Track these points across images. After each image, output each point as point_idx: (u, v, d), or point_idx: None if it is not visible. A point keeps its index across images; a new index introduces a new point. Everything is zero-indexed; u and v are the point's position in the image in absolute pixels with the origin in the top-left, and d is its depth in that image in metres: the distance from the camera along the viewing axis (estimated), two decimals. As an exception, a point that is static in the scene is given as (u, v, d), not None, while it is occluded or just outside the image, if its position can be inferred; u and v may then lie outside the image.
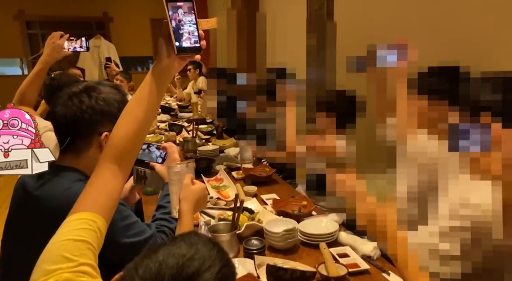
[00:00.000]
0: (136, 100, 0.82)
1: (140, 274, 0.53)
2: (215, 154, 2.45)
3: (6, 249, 1.19)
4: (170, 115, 4.12)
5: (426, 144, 1.15)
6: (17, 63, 7.04)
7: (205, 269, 0.55)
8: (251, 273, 1.15)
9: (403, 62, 1.26)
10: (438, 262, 1.01)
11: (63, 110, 1.08)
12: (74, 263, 0.65)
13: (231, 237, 1.28)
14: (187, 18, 0.80)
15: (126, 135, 0.80)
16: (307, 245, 1.36)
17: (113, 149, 0.80)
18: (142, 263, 0.55)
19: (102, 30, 7.32)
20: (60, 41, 1.68)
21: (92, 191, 0.78)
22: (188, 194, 1.07)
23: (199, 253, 0.57)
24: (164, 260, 0.54)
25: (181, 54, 0.79)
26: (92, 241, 0.70)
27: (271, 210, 1.63)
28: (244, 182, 2.00)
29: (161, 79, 0.82)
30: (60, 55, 1.70)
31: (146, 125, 0.83)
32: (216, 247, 0.61)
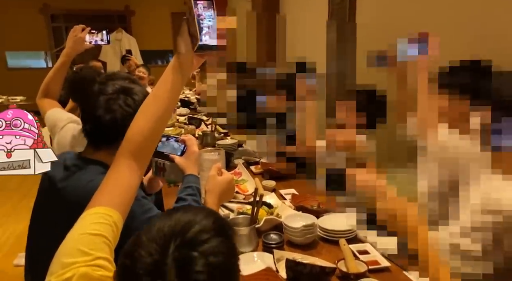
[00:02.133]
0: (154, 97, 0.83)
1: (143, 239, 0.57)
2: (234, 148, 2.46)
3: (32, 239, 1.22)
4: (189, 109, 4.15)
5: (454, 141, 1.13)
6: (42, 56, 7.21)
7: (199, 219, 0.59)
8: (270, 267, 1.15)
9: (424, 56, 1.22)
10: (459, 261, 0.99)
11: (109, 115, 1.10)
12: (90, 257, 0.67)
13: (250, 231, 1.29)
14: (207, 15, 0.80)
15: (143, 131, 0.81)
16: (326, 241, 1.36)
17: (130, 145, 0.81)
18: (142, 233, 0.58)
19: (123, 23, 7.41)
20: (82, 34, 1.71)
21: (109, 186, 0.79)
22: (214, 186, 1.08)
23: (191, 212, 0.61)
24: (161, 222, 0.58)
25: (200, 51, 0.80)
26: (108, 235, 0.71)
27: (289, 205, 1.63)
28: (262, 177, 2.00)
29: (179, 76, 0.82)
30: (82, 48, 1.73)
31: (163, 121, 0.84)
32: (207, 209, 0.66)
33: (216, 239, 0.57)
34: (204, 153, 1.17)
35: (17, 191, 3.88)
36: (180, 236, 0.55)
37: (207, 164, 1.15)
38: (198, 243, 0.55)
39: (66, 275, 0.64)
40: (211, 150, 1.20)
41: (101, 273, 0.66)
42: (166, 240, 0.55)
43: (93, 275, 0.65)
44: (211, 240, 0.56)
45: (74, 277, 0.64)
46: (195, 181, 1.28)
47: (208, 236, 0.56)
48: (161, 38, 7.30)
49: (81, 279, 0.64)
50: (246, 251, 1.25)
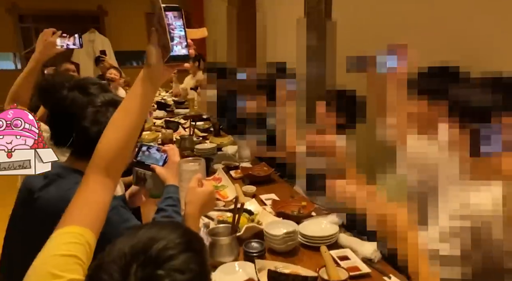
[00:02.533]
0: (123, 110, 0.80)
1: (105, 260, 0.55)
2: (213, 153, 2.44)
3: (8, 248, 1.19)
4: (166, 111, 4.09)
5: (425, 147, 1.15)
6: (10, 57, 6.95)
7: (165, 234, 0.56)
8: (252, 278, 1.14)
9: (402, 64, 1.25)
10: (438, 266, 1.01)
11: (96, 127, 1.09)
12: (62, 280, 0.64)
13: (231, 241, 1.27)
14: (177, 25, 0.78)
15: (113, 146, 0.79)
16: (307, 247, 1.36)
17: (100, 161, 0.78)
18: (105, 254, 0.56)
19: (96, 24, 7.23)
20: (53, 38, 1.64)
21: (80, 204, 0.76)
22: (193, 197, 1.07)
23: (156, 226, 0.59)
24: (122, 242, 0.56)
25: (171, 62, 0.78)
26: (81, 255, 0.68)
27: (270, 211, 1.62)
28: (242, 182, 1.99)
29: (149, 88, 0.80)
30: (52, 52, 1.66)
31: (134, 135, 0.81)
32: (176, 223, 0.66)
33: (184, 255, 0.55)
34: (184, 163, 1.15)
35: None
36: (143, 254, 0.53)
37: (186, 175, 1.13)
38: (163, 260, 0.53)
39: None
40: (191, 160, 1.18)
41: None
42: (127, 260, 0.53)
43: None
44: (178, 256, 0.54)
45: None
46: (176, 191, 1.26)
47: (174, 252, 0.54)
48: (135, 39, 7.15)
49: None
50: (227, 261, 1.24)
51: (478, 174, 1.05)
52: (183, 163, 1.16)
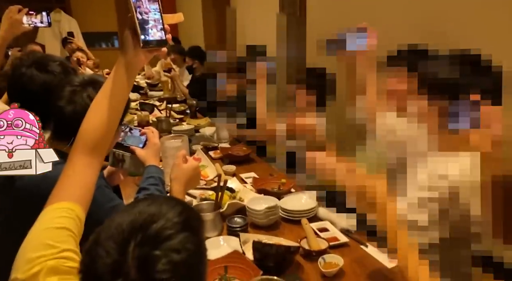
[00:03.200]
0: (104, 94, 0.82)
1: (102, 236, 0.55)
2: (191, 134, 2.44)
3: None
4: (139, 94, 4.01)
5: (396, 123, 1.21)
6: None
7: (164, 212, 0.56)
8: (237, 250, 1.18)
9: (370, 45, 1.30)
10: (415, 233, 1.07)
11: (71, 107, 1.08)
12: (57, 250, 0.66)
13: (215, 216, 1.31)
14: (152, 12, 0.79)
15: (96, 128, 0.81)
16: (288, 221, 1.41)
17: (84, 142, 0.80)
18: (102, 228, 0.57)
19: (61, 3, 6.89)
20: (19, 16, 1.57)
21: (67, 183, 0.78)
22: (179, 174, 1.08)
23: (155, 203, 0.58)
24: (121, 217, 0.56)
25: (146, 47, 0.78)
26: (73, 228, 0.71)
27: (251, 188, 1.66)
28: (222, 162, 2.02)
29: (128, 72, 0.81)
30: (19, 30, 1.60)
31: (115, 117, 0.83)
32: (174, 199, 0.63)
33: (181, 234, 0.55)
34: (166, 140, 1.17)
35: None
36: (141, 232, 0.53)
37: (170, 151, 1.15)
38: (161, 240, 0.53)
39: (33, 270, 0.62)
40: (173, 137, 1.20)
41: (70, 265, 0.65)
42: (125, 238, 0.53)
43: (61, 268, 0.64)
44: (175, 236, 0.54)
45: (42, 271, 0.62)
46: (157, 171, 1.27)
47: (171, 232, 0.54)
48: (104, 20, 6.89)
49: (49, 272, 0.63)
50: (212, 236, 1.27)
51: (446, 147, 1.11)
52: (165, 140, 1.18)
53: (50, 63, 1.26)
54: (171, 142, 1.16)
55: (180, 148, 1.13)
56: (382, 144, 1.22)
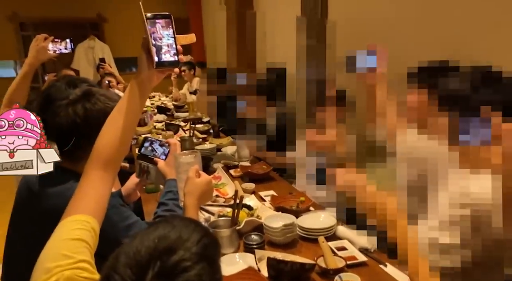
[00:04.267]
0: (118, 111, 0.86)
1: (121, 261, 0.55)
2: (213, 153, 2.48)
3: (9, 249, 1.21)
4: (166, 115, 4.13)
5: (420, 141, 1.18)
6: (11, 64, 7.00)
7: (183, 241, 0.56)
8: (252, 266, 1.17)
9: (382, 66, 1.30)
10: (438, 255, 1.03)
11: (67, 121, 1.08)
12: (73, 260, 0.68)
13: (232, 233, 1.31)
14: (166, 34, 0.84)
15: (110, 144, 0.84)
16: (305, 239, 1.39)
17: (98, 157, 0.84)
18: (121, 251, 0.57)
19: (96, 31, 7.29)
20: (45, 43, 1.69)
21: (83, 196, 0.81)
22: (192, 188, 1.10)
23: (175, 229, 0.58)
24: (141, 242, 0.56)
25: (159, 67, 0.83)
26: (88, 240, 0.73)
27: (269, 206, 1.66)
28: (242, 180, 2.03)
29: (141, 91, 0.86)
30: (45, 57, 1.71)
31: (129, 133, 0.87)
32: (193, 222, 0.63)
33: (198, 265, 0.55)
34: (180, 156, 1.21)
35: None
36: (159, 262, 0.53)
37: (183, 167, 1.18)
38: (178, 272, 0.53)
39: (51, 280, 0.65)
40: (187, 153, 1.24)
41: (85, 275, 0.67)
42: (143, 267, 0.53)
43: (77, 278, 0.66)
44: (192, 267, 0.54)
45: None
46: (175, 185, 1.30)
47: (189, 264, 0.54)
48: (134, 45, 7.11)
49: None
50: (228, 253, 1.27)
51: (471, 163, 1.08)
52: (179, 156, 1.21)
53: (79, 83, 1.32)
54: (184, 158, 1.20)
55: (193, 163, 1.15)
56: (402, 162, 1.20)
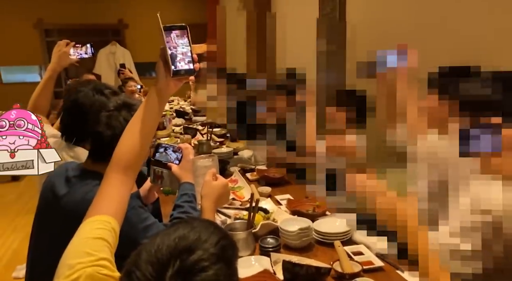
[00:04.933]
0: (138, 118, 0.90)
1: (142, 257, 0.57)
2: (229, 156, 2.49)
3: (33, 249, 1.25)
4: (184, 119, 4.18)
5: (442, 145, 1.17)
6: (36, 70, 7.23)
7: (202, 241, 0.58)
8: (268, 269, 1.18)
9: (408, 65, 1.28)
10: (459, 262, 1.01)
11: (109, 131, 1.14)
12: (95, 257, 0.71)
13: (248, 235, 1.32)
14: (182, 44, 0.87)
15: (130, 149, 0.88)
16: (321, 243, 1.39)
17: (119, 162, 0.87)
18: (143, 248, 0.59)
19: (117, 36, 7.46)
20: (66, 49, 1.75)
21: (104, 198, 0.84)
22: (209, 191, 1.12)
23: (195, 230, 0.60)
24: (162, 241, 0.58)
25: (176, 76, 0.87)
26: (109, 239, 0.76)
27: (285, 210, 1.66)
28: (258, 183, 2.04)
29: (160, 98, 0.90)
30: (67, 62, 1.76)
31: (148, 139, 0.91)
32: (212, 225, 0.65)
33: (216, 266, 0.56)
34: (197, 160, 1.23)
35: (14, 205, 3.88)
36: (179, 260, 0.55)
37: (200, 170, 1.20)
38: (196, 271, 0.55)
39: (73, 276, 0.67)
40: (205, 157, 1.26)
41: (105, 273, 0.69)
42: (163, 264, 0.55)
43: (97, 275, 0.69)
44: (210, 268, 0.56)
45: (81, 277, 0.67)
46: (191, 188, 1.31)
47: (207, 264, 0.56)
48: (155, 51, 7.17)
49: (88, 279, 0.67)
50: (243, 255, 1.28)
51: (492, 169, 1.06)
52: (197, 159, 1.23)
53: (104, 89, 1.38)
54: (202, 161, 1.22)
55: (210, 167, 1.17)
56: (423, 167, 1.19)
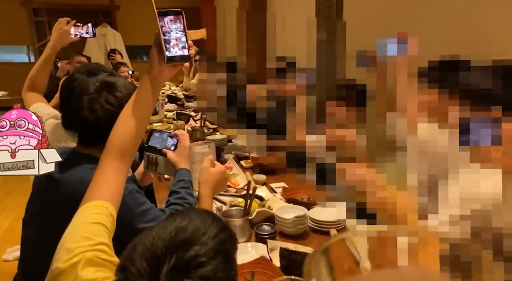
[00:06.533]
0: (132, 104, 0.89)
1: (137, 251, 0.56)
2: (223, 144, 2.49)
3: (27, 231, 1.23)
4: (176, 104, 4.15)
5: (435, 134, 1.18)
6: (24, 50, 7.07)
7: (199, 235, 0.57)
8: (264, 256, 1.19)
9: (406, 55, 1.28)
10: None
11: (93, 115, 1.12)
12: (94, 242, 0.71)
13: (244, 222, 1.32)
14: (177, 29, 0.86)
15: (124, 135, 0.87)
16: (316, 231, 1.40)
17: (112, 149, 0.86)
18: (139, 241, 0.58)
19: (108, 18, 7.32)
20: (67, 27, 1.70)
21: (100, 184, 0.83)
22: (207, 177, 1.11)
23: (192, 222, 0.59)
24: (157, 233, 0.57)
25: (170, 62, 0.85)
26: (107, 224, 0.76)
27: (280, 197, 1.67)
28: (252, 171, 2.04)
29: (154, 85, 0.89)
30: (67, 41, 1.72)
31: (142, 125, 0.90)
32: (211, 216, 0.64)
33: (214, 261, 0.55)
34: (194, 146, 1.22)
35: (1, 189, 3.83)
36: (175, 256, 0.54)
37: (197, 157, 1.19)
38: (193, 267, 0.54)
39: (73, 260, 0.67)
40: (202, 144, 1.25)
41: (104, 257, 0.69)
42: (159, 260, 0.54)
43: (97, 260, 0.68)
44: (208, 263, 0.55)
45: (81, 261, 0.67)
46: (187, 174, 1.31)
47: (204, 259, 0.54)
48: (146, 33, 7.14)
49: (87, 263, 0.67)
50: (240, 242, 1.28)
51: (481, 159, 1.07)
52: (194, 146, 1.23)
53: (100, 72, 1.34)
54: (199, 148, 1.22)
55: (208, 153, 1.17)
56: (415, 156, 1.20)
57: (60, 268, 0.68)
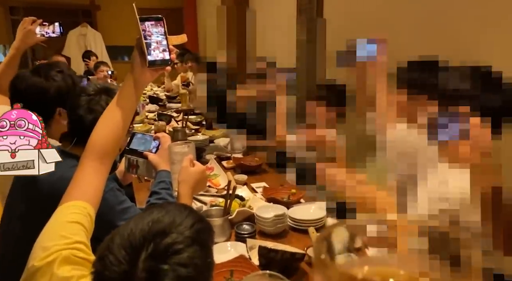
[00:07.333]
0: (113, 107, 0.89)
1: (115, 242, 0.57)
2: (205, 144, 2.49)
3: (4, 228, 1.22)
4: (158, 105, 4.12)
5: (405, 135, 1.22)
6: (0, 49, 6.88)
7: (176, 224, 0.58)
8: (243, 255, 1.20)
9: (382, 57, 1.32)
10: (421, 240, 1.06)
11: (91, 115, 1.15)
12: (70, 240, 0.71)
13: (224, 222, 1.33)
14: (158, 34, 0.87)
15: (106, 138, 0.88)
16: (296, 230, 1.42)
17: (93, 150, 0.87)
18: (116, 233, 0.59)
19: (88, 18, 7.18)
20: (32, 27, 1.64)
21: (79, 185, 0.84)
22: (186, 176, 1.12)
23: (169, 213, 0.61)
24: (135, 224, 0.58)
25: (152, 66, 0.87)
26: (84, 223, 0.77)
27: (261, 197, 1.68)
28: (234, 171, 2.05)
29: (135, 88, 0.90)
30: (33, 41, 1.67)
31: (123, 128, 0.90)
32: (188, 208, 0.65)
33: (190, 249, 0.57)
34: (174, 146, 1.22)
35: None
36: (153, 244, 0.55)
37: (177, 157, 1.20)
38: (170, 254, 0.55)
39: (49, 259, 0.67)
40: (181, 144, 1.25)
41: (81, 256, 0.70)
42: (137, 248, 0.55)
43: (73, 258, 0.69)
44: (185, 250, 0.56)
45: (57, 260, 0.67)
46: (168, 176, 1.31)
47: (181, 247, 0.56)
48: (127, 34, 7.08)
49: (63, 262, 0.67)
50: (219, 241, 1.30)
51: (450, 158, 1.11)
52: (173, 145, 1.23)
53: (51, 71, 1.34)
54: (178, 147, 1.22)
55: (187, 153, 1.18)
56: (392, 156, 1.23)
57: (36, 266, 0.68)
